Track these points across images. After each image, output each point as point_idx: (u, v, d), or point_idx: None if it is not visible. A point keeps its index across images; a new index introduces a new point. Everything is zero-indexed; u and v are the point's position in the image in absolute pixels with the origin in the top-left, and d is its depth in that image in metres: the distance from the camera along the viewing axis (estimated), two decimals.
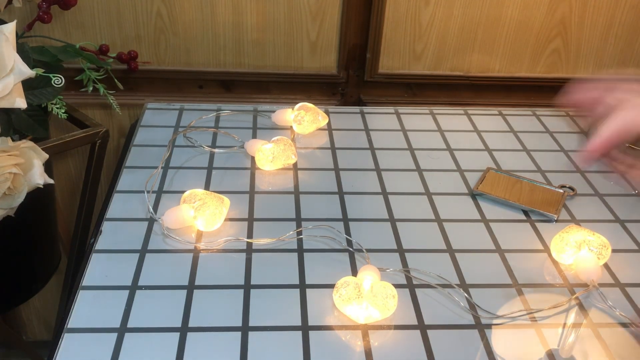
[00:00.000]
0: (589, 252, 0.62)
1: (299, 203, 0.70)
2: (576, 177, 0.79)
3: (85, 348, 0.51)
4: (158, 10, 0.93)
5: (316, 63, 0.99)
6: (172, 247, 0.63)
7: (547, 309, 0.58)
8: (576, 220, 0.71)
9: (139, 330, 0.53)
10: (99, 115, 1.01)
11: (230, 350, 0.51)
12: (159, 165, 0.75)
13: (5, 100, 0.60)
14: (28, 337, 1.28)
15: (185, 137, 0.82)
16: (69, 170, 1.07)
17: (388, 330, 0.55)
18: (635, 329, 0.56)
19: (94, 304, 0.55)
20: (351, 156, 0.81)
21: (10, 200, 0.64)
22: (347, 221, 0.68)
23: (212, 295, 0.57)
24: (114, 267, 0.60)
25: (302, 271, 0.60)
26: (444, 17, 0.96)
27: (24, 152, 0.64)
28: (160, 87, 1.00)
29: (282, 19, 0.95)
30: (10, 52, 0.59)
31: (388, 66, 1.00)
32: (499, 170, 0.78)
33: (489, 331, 0.55)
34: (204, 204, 0.63)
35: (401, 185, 0.75)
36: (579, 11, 0.98)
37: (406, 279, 0.61)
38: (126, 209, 0.68)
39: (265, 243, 0.64)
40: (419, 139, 0.85)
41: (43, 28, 0.91)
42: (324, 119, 0.85)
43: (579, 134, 0.90)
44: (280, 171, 0.76)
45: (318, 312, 0.56)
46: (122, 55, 0.92)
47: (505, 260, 0.64)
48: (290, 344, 0.53)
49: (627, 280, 0.62)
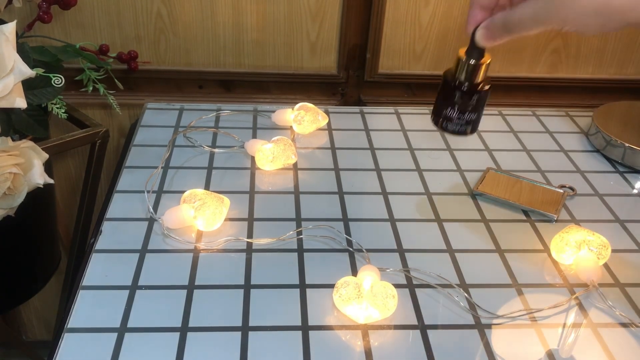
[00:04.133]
0: (588, 252, 0.62)
1: (299, 203, 0.71)
2: (576, 177, 0.79)
3: (85, 348, 0.51)
4: (158, 10, 0.93)
5: (316, 63, 0.99)
6: (172, 247, 0.63)
7: (547, 309, 0.58)
8: (576, 220, 0.71)
9: (139, 330, 0.53)
10: (99, 115, 1.01)
11: (230, 350, 0.52)
12: (159, 165, 0.75)
13: (5, 100, 0.60)
14: (28, 337, 1.28)
15: (185, 137, 0.82)
16: (69, 170, 1.07)
17: (388, 330, 0.55)
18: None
19: (94, 304, 0.55)
20: (351, 156, 0.81)
21: (10, 200, 0.64)
22: (347, 221, 0.68)
23: (212, 295, 0.57)
24: (114, 267, 0.60)
25: (302, 271, 0.61)
26: (444, 17, 0.97)
27: (24, 152, 0.64)
28: (160, 87, 1.00)
29: (282, 19, 0.95)
30: (11, 52, 0.59)
31: (388, 66, 1.00)
32: (499, 170, 0.78)
33: (489, 331, 0.55)
34: (204, 204, 0.63)
35: (401, 185, 0.75)
36: None
37: (406, 279, 0.61)
38: (126, 209, 0.68)
39: (265, 243, 0.64)
40: (419, 139, 0.85)
41: (43, 28, 0.91)
42: (324, 119, 0.85)
43: (579, 134, 0.90)
44: (280, 171, 0.76)
45: (318, 312, 0.56)
46: (122, 55, 0.92)
47: (505, 260, 0.64)
48: (290, 344, 0.53)
49: (627, 280, 0.62)
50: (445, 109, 0.59)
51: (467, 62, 0.56)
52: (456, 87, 0.57)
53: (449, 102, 0.58)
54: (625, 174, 0.81)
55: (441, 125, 0.60)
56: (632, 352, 0.54)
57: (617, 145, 0.82)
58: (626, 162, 0.82)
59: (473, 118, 0.59)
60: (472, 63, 0.56)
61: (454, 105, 0.58)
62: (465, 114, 0.58)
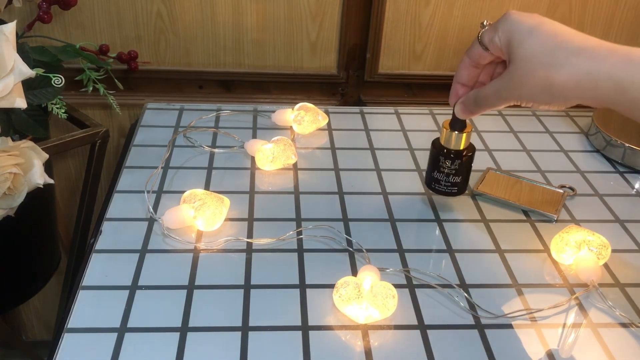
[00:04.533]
0: (588, 252, 0.62)
1: (299, 203, 0.71)
2: (576, 177, 0.79)
3: (85, 348, 0.51)
4: (158, 10, 0.93)
5: (316, 63, 0.99)
6: (172, 247, 0.63)
7: (547, 309, 0.58)
8: (576, 220, 0.71)
9: (139, 330, 0.53)
10: (99, 115, 1.01)
11: (230, 350, 0.52)
12: (159, 165, 0.75)
13: (5, 100, 0.60)
14: (28, 337, 1.28)
15: (185, 137, 0.82)
16: (69, 170, 1.07)
17: (388, 330, 0.55)
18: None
19: (94, 304, 0.55)
20: (351, 156, 0.81)
21: (10, 200, 0.64)
22: (347, 221, 0.68)
23: (212, 295, 0.57)
24: (114, 267, 0.60)
25: (302, 271, 0.60)
26: (444, 17, 0.97)
27: (24, 152, 0.64)
28: (160, 87, 1.00)
29: (282, 19, 0.95)
30: (11, 52, 0.59)
31: (388, 66, 1.00)
32: (499, 171, 0.78)
33: (489, 331, 0.55)
34: (204, 204, 0.63)
35: (401, 185, 0.75)
36: (579, 11, 0.98)
37: (406, 279, 0.61)
38: (126, 209, 0.68)
39: (265, 243, 0.64)
40: (419, 139, 0.85)
41: (43, 28, 0.91)
42: (324, 119, 0.85)
43: (579, 134, 0.90)
44: (280, 171, 0.76)
45: (318, 312, 0.56)
46: (122, 55, 0.92)
47: (505, 260, 0.64)
48: (290, 344, 0.53)
49: (627, 280, 0.62)
50: (433, 173, 0.68)
51: (451, 132, 0.64)
52: (442, 154, 0.66)
53: (436, 167, 0.67)
54: (625, 174, 0.81)
55: (431, 186, 0.69)
56: (632, 352, 0.54)
57: (617, 145, 0.82)
58: (626, 162, 0.82)
59: (459, 181, 0.67)
60: (455, 133, 0.64)
61: (440, 170, 0.66)
62: (450, 177, 0.66)
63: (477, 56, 0.57)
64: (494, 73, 0.60)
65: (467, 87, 0.60)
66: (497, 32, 0.54)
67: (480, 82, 0.60)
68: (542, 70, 0.49)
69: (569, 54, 0.48)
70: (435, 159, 0.67)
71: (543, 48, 0.49)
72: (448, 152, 0.65)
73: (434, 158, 0.67)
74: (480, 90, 0.57)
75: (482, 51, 0.56)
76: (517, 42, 0.51)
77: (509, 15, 0.53)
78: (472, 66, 0.59)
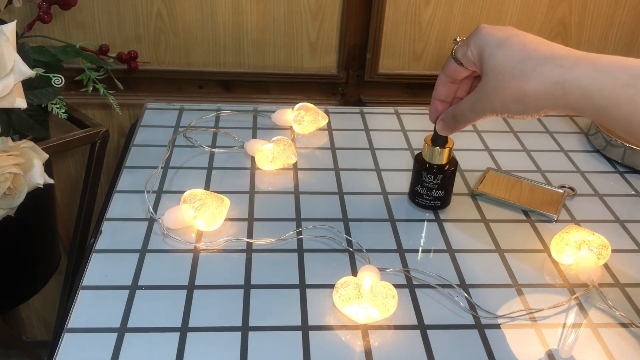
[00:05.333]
0: (588, 252, 0.62)
1: (299, 203, 0.71)
2: (576, 177, 0.79)
3: (85, 348, 0.51)
4: (158, 10, 0.93)
5: (316, 63, 0.99)
6: (172, 247, 0.63)
7: (547, 309, 0.58)
8: (576, 220, 0.71)
9: (139, 330, 0.53)
10: (99, 115, 1.01)
11: (230, 350, 0.52)
12: (159, 165, 0.75)
13: (5, 100, 0.60)
14: (28, 337, 1.28)
15: (185, 137, 0.82)
16: (69, 170, 1.07)
17: (388, 330, 0.55)
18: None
19: (94, 304, 0.55)
20: (351, 156, 0.81)
21: (10, 200, 0.64)
22: (347, 221, 0.68)
23: (212, 295, 0.57)
24: (114, 267, 0.60)
25: (302, 271, 0.61)
26: (444, 17, 0.97)
27: (24, 152, 0.64)
28: (160, 87, 1.00)
29: (282, 19, 0.95)
30: (11, 52, 0.59)
31: (388, 66, 1.00)
32: (499, 171, 0.78)
33: (489, 331, 0.55)
34: (204, 204, 0.63)
35: (401, 185, 0.75)
36: (579, 11, 0.98)
37: (406, 279, 0.61)
38: (126, 209, 0.68)
39: (265, 243, 0.64)
40: (419, 139, 0.85)
41: (43, 28, 0.91)
42: (324, 119, 0.85)
43: (579, 134, 0.90)
44: (280, 171, 0.76)
45: (318, 312, 0.56)
46: (122, 55, 0.92)
47: (505, 260, 0.64)
48: (290, 344, 0.53)
49: (627, 280, 0.62)
50: (416, 187, 0.69)
51: (433, 148, 0.66)
52: (425, 169, 0.67)
53: (419, 182, 0.68)
54: (625, 174, 0.81)
55: (414, 200, 0.70)
56: (632, 352, 0.54)
57: (617, 145, 0.82)
58: (626, 162, 0.82)
59: (441, 195, 0.69)
60: (437, 148, 0.66)
61: (423, 184, 0.68)
62: (433, 192, 0.68)
63: (452, 72, 0.58)
64: (471, 87, 0.60)
65: (446, 103, 0.61)
66: (470, 46, 0.54)
67: (457, 98, 0.61)
68: (512, 81, 0.50)
69: (537, 63, 0.49)
70: (418, 174, 0.68)
71: (512, 59, 0.50)
72: (431, 167, 0.67)
73: (417, 173, 0.68)
74: (457, 106, 0.58)
75: (457, 66, 0.57)
76: (487, 55, 0.52)
77: (480, 30, 0.54)
78: (449, 82, 0.59)
